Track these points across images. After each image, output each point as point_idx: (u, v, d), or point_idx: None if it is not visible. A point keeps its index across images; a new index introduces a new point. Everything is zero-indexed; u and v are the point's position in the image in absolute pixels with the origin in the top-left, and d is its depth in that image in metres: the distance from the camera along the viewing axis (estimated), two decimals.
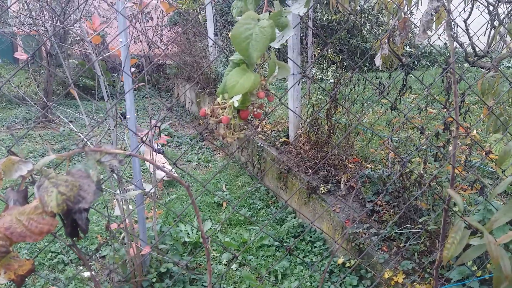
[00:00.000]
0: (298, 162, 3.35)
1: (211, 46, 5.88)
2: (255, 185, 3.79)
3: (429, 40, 1.06)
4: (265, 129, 4.11)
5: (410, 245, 2.51)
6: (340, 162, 3.13)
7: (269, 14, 0.82)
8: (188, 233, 2.97)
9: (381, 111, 3.76)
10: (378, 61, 1.03)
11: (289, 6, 0.96)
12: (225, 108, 0.85)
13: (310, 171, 3.19)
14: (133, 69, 2.63)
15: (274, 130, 3.99)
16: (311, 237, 2.90)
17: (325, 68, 5.53)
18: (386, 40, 0.99)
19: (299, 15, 0.88)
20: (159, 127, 2.22)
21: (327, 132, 3.17)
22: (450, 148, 2.41)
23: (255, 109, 0.87)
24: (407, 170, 2.49)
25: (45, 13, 6.21)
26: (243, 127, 0.93)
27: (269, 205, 3.47)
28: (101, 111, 6.17)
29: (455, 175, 1.74)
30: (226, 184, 3.91)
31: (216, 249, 2.83)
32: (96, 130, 5.64)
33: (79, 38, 8.13)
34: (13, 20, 6.94)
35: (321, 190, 2.95)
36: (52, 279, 2.62)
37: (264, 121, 4.24)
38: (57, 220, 0.76)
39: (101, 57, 1.95)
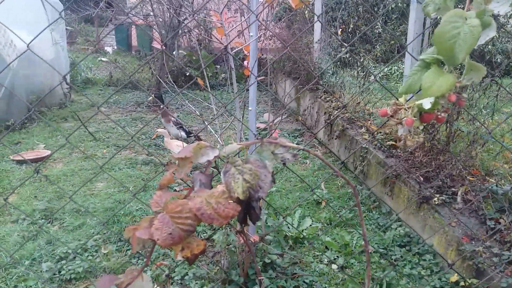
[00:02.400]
0: (408, 168, 3.18)
1: (316, 42, 5.82)
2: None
3: None
4: (370, 130, 3.97)
5: None
6: (458, 173, 2.90)
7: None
8: (289, 227, 2.98)
9: None
10: None
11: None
12: (407, 109, 0.81)
13: (422, 179, 3.01)
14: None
15: (380, 132, 3.84)
16: (419, 249, 2.74)
17: None
18: None
19: (498, 14, 0.80)
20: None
21: (445, 139, 2.96)
22: None
23: (439, 113, 0.82)
24: None
25: (160, 5, 6.64)
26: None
27: (371, 209, 3.35)
28: (206, 100, 6.46)
29: None
30: (325, 183, 3.86)
31: (317, 248, 2.81)
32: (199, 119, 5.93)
33: (187, 30, 8.58)
34: (131, 12, 7.55)
35: (435, 201, 2.76)
36: (162, 254, 2.81)
37: (369, 122, 4.09)
38: (239, 206, 0.78)
39: (234, 51, 2.00)
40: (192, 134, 4.94)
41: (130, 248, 2.83)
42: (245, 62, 2.57)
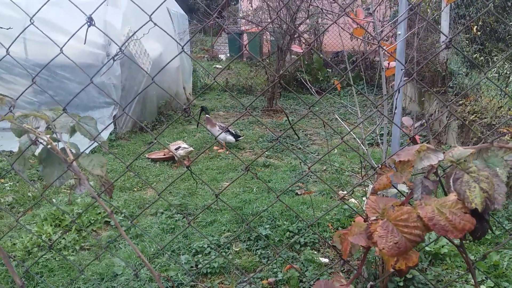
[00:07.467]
0: None
1: (443, 42, 5.39)
2: None
3: None
4: None
5: None
6: None
7: None
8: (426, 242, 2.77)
9: None
10: None
11: None
12: None
13: None
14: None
15: None
16: None
17: None
18: None
19: None
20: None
21: None
22: None
23: None
24: None
25: (273, 12, 6.75)
26: None
27: None
28: (317, 104, 6.41)
29: None
30: None
31: (461, 266, 2.55)
32: (316, 123, 5.89)
33: (298, 34, 8.63)
34: (242, 20, 7.82)
35: None
36: (291, 257, 2.81)
37: None
38: (474, 219, 0.70)
39: (386, 55, 1.91)
40: (241, 138, 4.98)
41: (259, 248, 2.89)
42: (385, 63, 2.45)
